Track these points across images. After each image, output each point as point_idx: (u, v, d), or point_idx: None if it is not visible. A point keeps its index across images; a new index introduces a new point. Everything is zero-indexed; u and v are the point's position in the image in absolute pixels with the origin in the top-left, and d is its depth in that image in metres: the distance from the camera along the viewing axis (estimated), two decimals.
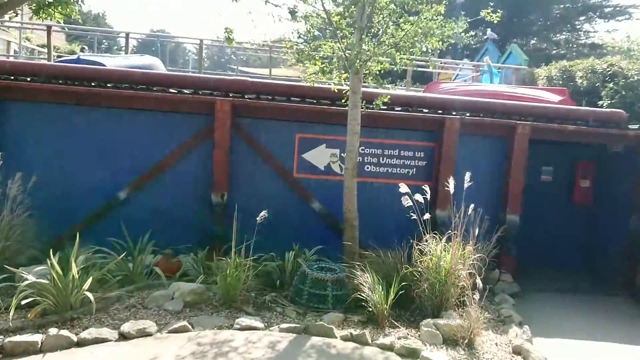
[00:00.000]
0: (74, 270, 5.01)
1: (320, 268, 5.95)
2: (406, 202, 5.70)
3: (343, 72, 6.33)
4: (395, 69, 6.60)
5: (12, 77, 6.94)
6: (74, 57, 9.45)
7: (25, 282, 4.87)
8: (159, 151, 7.10)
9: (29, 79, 6.95)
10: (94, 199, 6.99)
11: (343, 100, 6.70)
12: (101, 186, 7.03)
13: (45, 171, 6.75)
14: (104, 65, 8.32)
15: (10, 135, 6.87)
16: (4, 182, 6.18)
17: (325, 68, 6.25)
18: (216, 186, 7.03)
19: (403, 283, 5.52)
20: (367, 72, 6.56)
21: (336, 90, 6.91)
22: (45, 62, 11.30)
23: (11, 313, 4.66)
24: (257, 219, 5.60)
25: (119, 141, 7.07)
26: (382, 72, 6.71)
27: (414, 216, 5.71)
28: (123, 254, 5.80)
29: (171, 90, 7.18)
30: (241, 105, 7.13)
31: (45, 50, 12.60)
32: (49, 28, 11.62)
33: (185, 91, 7.21)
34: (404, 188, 5.72)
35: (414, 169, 7.61)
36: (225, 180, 7.06)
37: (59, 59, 10.34)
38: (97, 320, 5.00)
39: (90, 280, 5.04)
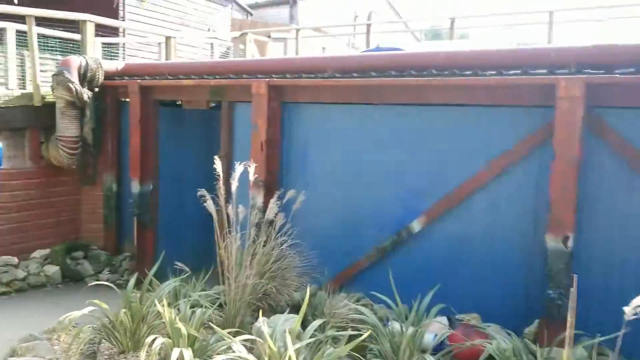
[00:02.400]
0: (291, 349, 3.18)
1: None
2: None
3: None
4: None
5: (297, 76, 5.78)
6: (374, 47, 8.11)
7: (222, 357, 3.29)
8: (464, 166, 4.76)
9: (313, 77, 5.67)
10: (378, 230, 5.16)
11: None
12: (388, 212, 5.15)
13: (315, 190, 5.31)
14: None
15: (288, 144, 5.72)
16: (265, 201, 4.99)
17: None
18: (555, 222, 4.17)
19: None
20: None
21: None
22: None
23: None
24: (626, 309, 2.62)
25: (410, 150, 5.05)
26: None
27: None
28: (369, 328, 3.69)
29: (487, 74, 4.74)
30: (601, 85, 4.12)
31: None
32: (368, 27, 10.98)
33: (509, 73, 4.66)
34: None
35: None
36: (570, 213, 4.14)
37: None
38: None
39: None
